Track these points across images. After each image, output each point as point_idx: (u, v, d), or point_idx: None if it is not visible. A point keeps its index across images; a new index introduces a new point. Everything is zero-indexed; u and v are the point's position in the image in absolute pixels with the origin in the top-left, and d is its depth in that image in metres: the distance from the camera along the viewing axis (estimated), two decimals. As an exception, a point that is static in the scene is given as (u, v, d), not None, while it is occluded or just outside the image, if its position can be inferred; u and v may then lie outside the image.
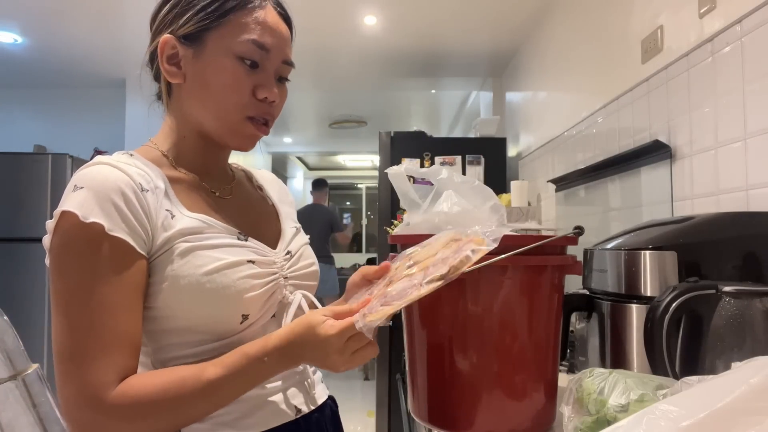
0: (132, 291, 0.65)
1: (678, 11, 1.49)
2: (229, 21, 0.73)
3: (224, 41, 0.73)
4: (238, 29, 0.73)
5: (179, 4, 0.75)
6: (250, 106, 0.75)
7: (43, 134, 4.33)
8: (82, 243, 0.62)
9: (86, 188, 0.64)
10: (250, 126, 0.76)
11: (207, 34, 0.73)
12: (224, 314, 0.70)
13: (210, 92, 0.74)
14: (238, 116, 0.75)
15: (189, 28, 0.73)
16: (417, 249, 0.73)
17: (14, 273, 3.34)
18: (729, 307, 0.70)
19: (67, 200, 0.64)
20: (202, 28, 0.73)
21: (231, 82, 0.73)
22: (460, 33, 3.20)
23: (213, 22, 0.73)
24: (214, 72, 0.73)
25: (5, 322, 0.61)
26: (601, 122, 2.02)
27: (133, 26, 3.12)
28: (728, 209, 1.25)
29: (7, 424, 0.57)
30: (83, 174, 0.66)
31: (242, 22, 0.73)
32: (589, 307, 1.02)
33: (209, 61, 0.73)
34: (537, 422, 0.80)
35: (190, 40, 0.74)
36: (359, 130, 5.92)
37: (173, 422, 0.64)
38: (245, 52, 0.73)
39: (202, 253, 0.69)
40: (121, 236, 0.64)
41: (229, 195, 0.82)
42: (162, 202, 0.70)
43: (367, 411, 3.97)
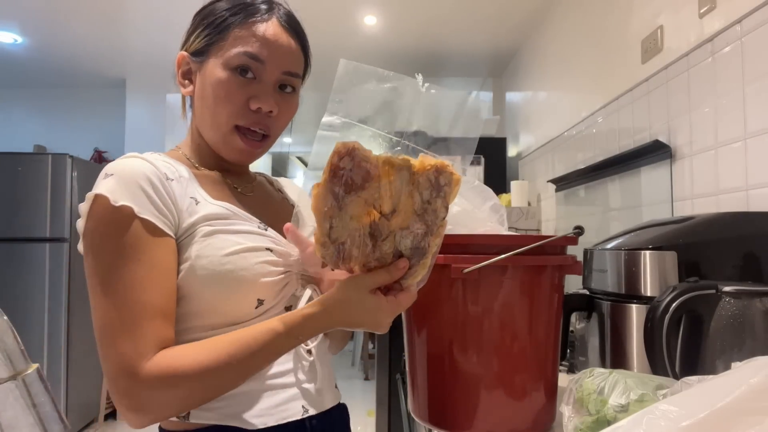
0: (162, 267, 0.68)
1: (678, 11, 1.49)
2: (228, 35, 0.77)
3: (221, 54, 0.76)
4: (235, 42, 0.76)
5: (193, 22, 0.81)
6: (239, 115, 0.76)
7: (43, 134, 4.33)
8: (114, 225, 0.66)
9: (116, 175, 0.68)
10: (237, 139, 0.77)
11: (210, 49, 0.78)
12: (240, 297, 0.71)
13: (206, 103, 0.77)
14: (228, 127, 0.77)
15: (198, 44, 0.78)
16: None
17: (14, 273, 3.34)
18: (729, 307, 0.70)
19: (99, 186, 0.68)
20: (207, 42, 0.78)
21: (224, 93, 0.75)
22: (460, 33, 3.20)
23: (215, 36, 0.77)
24: (210, 83, 0.76)
25: (5, 322, 0.61)
26: (601, 122, 2.02)
27: (133, 26, 3.12)
28: (728, 209, 1.25)
29: (7, 424, 0.58)
30: (113, 164, 0.70)
31: (240, 36, 0.76)
32: (589, 307, 1.02)
33: (207, 74, 0.77)
34: (537, 422, 0.80)
35: (198, 55, 0.79)
36: (359, 130, 5.92)
37: (206, 393, 0.66)
38: (239, 63, 0.75)
39: (224, 237, 0.71)
40: (149, 218, 0.67)
41: (251, 192, 0.86)
42: (186, 189, 0.73)
43: (367, 411, 3.97)
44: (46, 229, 3.35)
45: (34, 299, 3.32)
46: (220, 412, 0.71)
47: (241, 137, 0.78)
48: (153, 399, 0.63)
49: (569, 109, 2.40)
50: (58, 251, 3.36)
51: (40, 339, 3.30)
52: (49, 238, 3.35)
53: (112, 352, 0.64)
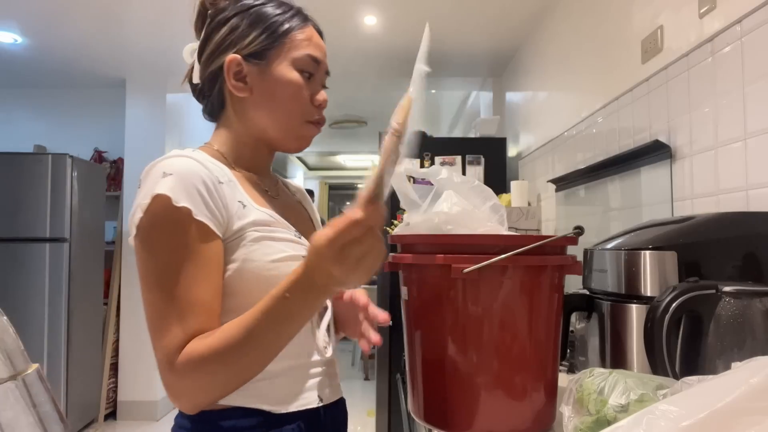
0: (211, 267, 0.73)
1: (678, 11, 1.49)
2: (288, 39, 0.84)
3: (286, 57, 0.84)
4: (296, 46, 0.84)
5: (239, 27, 0.84)
6: (310, 112, 0.86)
7: (43, 134, 4.33)
8: (172, 224, 0.71)
9: (175, 175, 0.72)
10: (310, 127, 0.87)
11: (270, 53, 0.83)
12: None
13: (276, 102, 0.84)
14: (300, 121, 0.86)
15: (254, 47, 0.83)
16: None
17: (14, 273, 3.34)
18: (729, 307, 0.70)
19: (159, 184, 0.71)
20: (266, 47, 0.83)
21: (294, 92, 0.84)
22: (460, 33, 3.20)
23: (275, 41, 0.84)
24: (280, 84, 0.83)
25: (5, 322, 0.61)
26: (601, 122, 2.02)
27: (133, 26, 3.12)
28: (728, 209, 1.25)
29: (7, 424, 0.58)
30: (170, 163, 0.73)
31: (298, 40, 0.85)
32: (589, 307, 1.02)
33: (275, 75, 0.83)
34: (537, 422, 0.80)
35: (256, 58, 0.83)
36: (359, 130, 5.92)
37: (230, 374, 0.69)
38: (304, 65, 0.84)
39: (270, 243, 0.78)
40: (204, 220, 0.72)
41: (277, 196, 0.92)
42: (234, 193, 0.79)
43: (367, 411, 3.97)
44: (46, 229, 3.35)
45: (34, 299, 3.32)
46: (245, 395, 0.75)
47: (313, 127, 0.87)
48: (185, 387, 0.68)
49: (569, 109, 2.40)
50: (58, 251, 3.36)
51: (40, 339, 3.30)
52: (49, 238, 3.35)
53: (158, 345, 0.69)
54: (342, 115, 5.37)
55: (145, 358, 3.90)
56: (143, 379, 3.89)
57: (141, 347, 3.91)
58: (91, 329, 3.68)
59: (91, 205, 3.68)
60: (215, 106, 0.88)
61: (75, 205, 3.46)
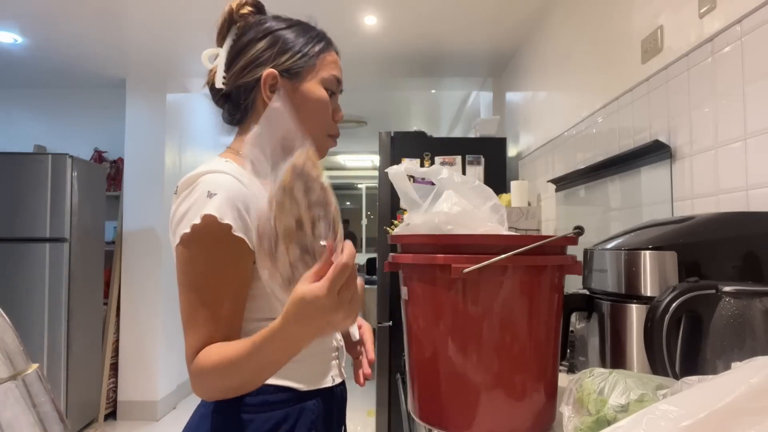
0: (240, 283, 0.82)
1: (678, 11, 1.49)
2: (318, 61, 0.95)
3: (316, 76, 0.95)
4: (325, 67, 0.96)
5: (275, 45, 0.93)
6: (331, 126, 0.98)
7: (43, 134, 4.33)
8: (214, 239, 0.79)
9: (220, 195, 0.80)
10: (330, 141, 0.99)
11: (303, 71, 0.94)
12: None
13: (305, 115, 0.93)
14: (323, 134, 0.97)
15: (290, 64, 0.93)
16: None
17: (14, 273, 3.34)
18: (729, 307, 0.70)
19: (208, 205, 0.79)
20: (301, 65, 0.93)
21: (322, 107, 0.95)
22: (460, 33, 3.20)
23: (309, 61, 0.94)
24: (310, 100, 0.94)
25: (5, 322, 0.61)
26: (601, 122, 2.02)
27: (133, 26, 3.12)
28: (728, 209, 1.25)
29: (7, 424, 0.58)
30: (214, 181, 0.81)
31: (327, 61, 0.96)
32: (589, 307, 1.02)
33: (306, 92, 0.94)
34: (537, 422, 0.80)
35: (291, 74, 0.93)
36: (359, 130, 5.92)
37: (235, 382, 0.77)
38: (330, 84, 0.96)
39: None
40: (241, 235, 0.80)
41: None
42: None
43: (367, 411, 3.97)
44: (46, 229, 3.35)
45: (34, 299, 3.32)
46: (277, 375, 0.84)
47: (332, 140, 0.99)
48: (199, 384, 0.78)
49: (569, 109, 2.40)
50: (58, 251, 3.36)
51: (40, 339, 3.30)
52: (49, 238, 3.35)
53: (186, 339, 0.79)
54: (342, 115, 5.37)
55: (145, 358, 3.90)
56: (143, 379, 3.89)
57: (141, 347, 3.91)
58: (91, 329, 3.68)
59: (91, 205, 3.68)
60: (244, 113, 0.96)
61: (75, 205, 3.46)
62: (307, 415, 0.89)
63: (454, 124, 5.72)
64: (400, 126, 5.36)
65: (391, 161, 3.15)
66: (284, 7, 0.99)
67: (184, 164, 4.33)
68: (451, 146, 3.20)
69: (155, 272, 3.93)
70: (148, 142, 3.97)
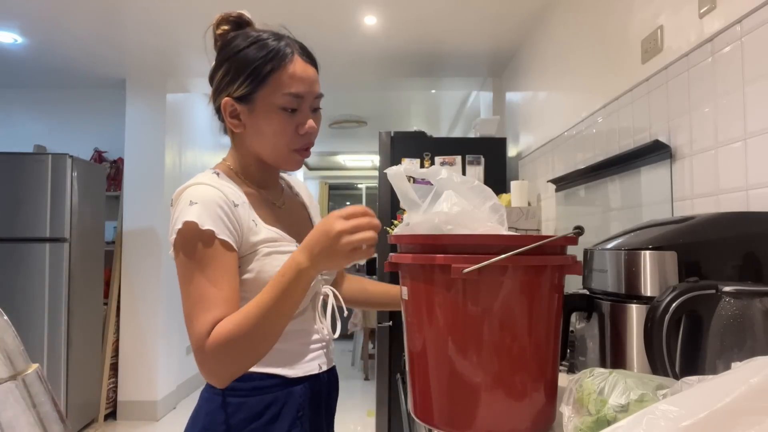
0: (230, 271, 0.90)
1: (678, 11, 1.49)
2: (270, 82, 0.95)
3: (269, 99, 0.95)
4: (278, 87, 0.95)
5: (230, 72, 0.96)
6: (294, 142, 0.99)
7: (43, 134, 4.33)
8: (200, 242, 0.88)
9: (200, 203, 0.89)
10: (296, 155, 1.01)
11: (255, 95, 0.95)
12: None
13: (264, 137, 0.98)
14: (286, 150, 0.99)
15: (241, 91, 0.96)
16: None
17: (14, 273, 3.34)
18: (729, 307, 0.70)
19: (187, 212, 0.88)
20: (251, 90, 0.95)
21: (279, 128, 0.96)
22: (460, 33, 3.20)
23: (258, 85, 0.95)
24: (265, 123, 0.96)
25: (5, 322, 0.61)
26: (601, 122, 2.02)
27: (133, 26, 3.12)
28: (728, 209, 1.25)
29: (7, 424, 0.58)
30: (195, 191, 0.91)
31: (280, 81, 0.95)
32: (589, 307, 1.02)
33: (260, 115, 0.96)
34: (537, 422, 0.80)
35: (244, 101, 0.96)
36: (359, 130, 5.92)
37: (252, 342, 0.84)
38: (285, 103, 0.95)
39: (278, 257, 0.95)
40: (225, 238, 0.89)
41: (283, 204, 1.09)
42: (248, 213, 0.96)
43: (367, 411, 3.97)
44: (46, 229, 3.35)
45: (34, 299, 3.32)
46: (265, 364, 0.96)
47: (298, 155, 1.00)
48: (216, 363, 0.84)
49: (569, 109, 2.40)
50: (58, 251, 3.36)
51: (40, 339, 3.30)
52: (49, 238, 3.35)
53: (191, 332, 0.85)
54: (342, 115, 5.37)
55: (145, 358, 3.90)
56: (143, 379, 3.89)
57: (141, 347, 3.91)
58: (91, 329, 3.68)
59: (91, 205, 3.68)
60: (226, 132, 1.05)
61: (75, 205, 3.46)
62: (294, 398, 0.98)
63: (454, 124, 5.72)
64: (400, 126, 5.35)
65: (391, 161, 3.15)
66: (284, 6, 0.98)
67: (184, 164, 4.33)
68: (451, 146, 3.20)
69: (155, 272, 3.93)
70: (148, 142, 3.97)
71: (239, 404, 0.95)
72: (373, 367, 4.81)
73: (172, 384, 4.14)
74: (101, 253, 3.85)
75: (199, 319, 0.85)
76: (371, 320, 4.94)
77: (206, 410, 0.96)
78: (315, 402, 1.03)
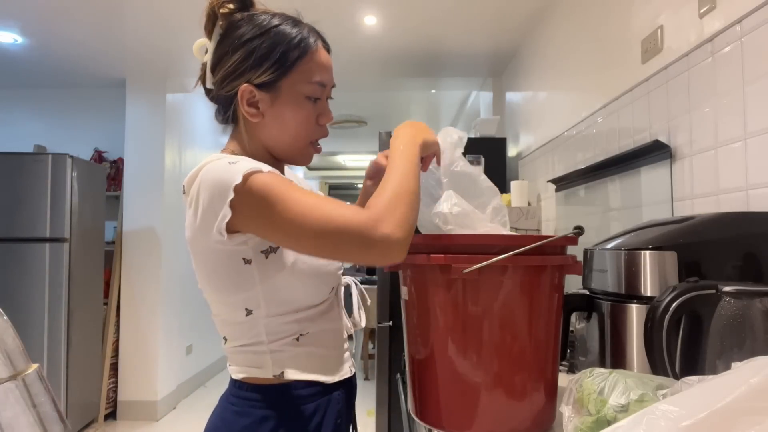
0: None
1: (678, 11, 1.49)
2: (296, 69, 0.90)
3: (295, 87, 0.90)
4: (305, 75, 0.90)
5: (252, 56, 0.89)
6: (315, 133, 0.94)
7: (43, 134, 4.33)
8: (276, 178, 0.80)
9: (240, 161, 0.81)
10: (311, 148, 0.96)
11: (280, 83, 0.89)
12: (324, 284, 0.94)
13: (286, 127, 0.91)
14: (306, 142, 0.94)
15: (264, 77, 0.89)
16: None
17: (14, 273, 3.34)
18: (729, 307, 0.70)
19: (237, 169, 0.79)
20: (276, 78, 0.89)
21: (303, 118, 0.92)
22: (460, 33, 3.20)
23: (285, 72, 0.89)
24: (290, 112, 0.91)
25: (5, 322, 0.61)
26: (601, 122, 2.02)
27: (133, 26, 3.12)
28: (728, 209, 1.25)
29: (7, 424, 0.58)
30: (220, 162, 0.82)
31: (306, 68, 0.90)
32: (589, 307, 1.02)
33: (285, 104, 0.90)
34: (537, 422, 0.80)
35: (267, 88, 0.89)
36: (359, 130, 5.92)
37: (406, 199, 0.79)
38: (311, 92, 0.91)
39: None
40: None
41: None
42: None
43: (367, 411, 3.97)
44: (46, 229, 3.35)
45: (34, 299, 3.32)
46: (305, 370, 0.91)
47: (313, 148, 0.96)
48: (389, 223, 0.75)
49: (569, 109, 2.40)
50: (58, 251, 3.36)
51: (40, 339, 3.30)
52: (49, 238, 3.35)
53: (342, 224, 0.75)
54: (342, 115, 5.37)
55: (145, 358, 3.90)
56: (143, 379, 3.89)
57: (141, 347, 3.91)
58: (91, 329, 3.68)
59: (91, 205, 3.68)
60: (229, 120, 0.95)
61: (75, 205, 3.46)
62: (333, 404, 0.94)
63: (454, 124, 5.72)
64: (400, 126, 5.34)
65: (391, 161, 3.15)
66: (284, 6, 0.97)
67: (184, 164, 4.32)
68: (451, 146, 3.20)
69: (155, 272, 3.93)
70: (148, 142, 3.97)
71: (281, 416, 0.88)
72: (373, 367, 4.81)
73: (172, 384, 4.14)
74: (101, 253, 3.85)
75: (344, 215, 0.76)
76: (371, 320, 4.93)
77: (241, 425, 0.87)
78: (349, 407, 1.00)
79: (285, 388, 0.89)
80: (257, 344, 0.89)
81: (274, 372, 0.89)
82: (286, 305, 0.89)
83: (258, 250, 0.85)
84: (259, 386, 0.89)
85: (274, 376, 0.89)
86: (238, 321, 0.89)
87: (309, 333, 0.92)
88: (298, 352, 0.91)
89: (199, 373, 4.71)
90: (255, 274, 0.86)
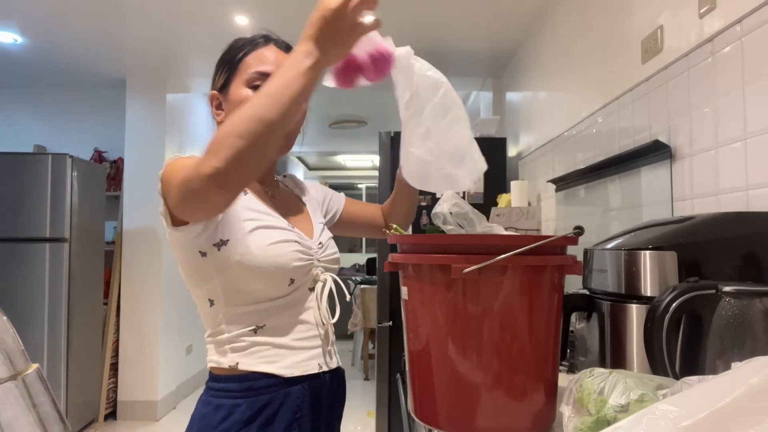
0: None
1: (678, 11, 1.49)
2: (241, 66, 1.00)
3: (238, 80, 0.99)
4: (246, 67, 0.99)
5: (216, 68, 1.04)
6: None
7: (43, 134, 4.33)
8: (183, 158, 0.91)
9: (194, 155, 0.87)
10: None
11: (229, 81, 1.01)
12: (278, 277, 0.95)
13: None
14: None
15: (221, 80, 1.02)
16: None
17: (14, 273, 3.34)
18: (729, 307, 0.70)
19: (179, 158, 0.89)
20: (227, 77, 1.01)
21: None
22: (459, 33, 3.20)
23: (231, 70, 1.00)
24: (234, 104, 0.97)
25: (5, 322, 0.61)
26: (601, 122, 2.02)
27: (133, 26, 3.12)
28: (728, 209, 1.25)
29: (7, 424, 0.58)
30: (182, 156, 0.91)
31: (249, 62, 0.99)
32: (589, 307, 1.02)
33: (233, 97, 1.00)
34: (537, 422, 0.80)
35: (223, 89, 1.02)
36: (359, 130, 5.92)
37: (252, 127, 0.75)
38: (250, 80, 0.98)
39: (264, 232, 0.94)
40: None
41: (278, 196, 1.09)
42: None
43: (367, 411, 3.97)
44: (46, 229, 3.35)
45: (34, 299, 3.32)
46: (261, 363, 0.94)
47: None
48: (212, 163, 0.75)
49: (569, 109, 2.40)
50: (58, 251, 3.36)
51: (40, 339, 3.30)
52: (49, 238, 3.35)
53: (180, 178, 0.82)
54: (342, 115, 5.37)
55: (145, 358, 3.90)
56: (143, 379, 3.89)
57: (141, 347, 3.91)
58: (91, 329, 3.68)
59: (91, 205, 3.68)
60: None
61: (75, 205, 3.46)
62: (291, 399, 0.95)
63: (454, 124, 5.71)
64: (400, 126, 5.35)
65: (391, 161, 3.15)
66: (284, 6, 0.99)
67: (184, 164, 4.33)
68: (451, 146, 3.19)
69: (155, 272, 3.93)
70: (148, 142, 3.97)
71: (233, 406, 0.92)
72: (373, 367, 4.81)
73: (172, 384, 4.14)
74: (101, 253, 3.85)
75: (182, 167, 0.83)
76: (371, 320, 4.94)
77: (201, 413, 0.93)
78: (315, 404, 0.99)
79: (241, 379, 0.93)
80: (219, 333, 0.96)
81: (230, 363, 0.94)
82: (243, 296, 0.94)
83: (210, 243, 0.91)
84: (220, 376, 0.95)
85: (230, 366, 0.94)
86: (205, 312, 0.97)
87: (268, 325, 0.95)
88: (255, 342, 0.94)
89: (199, 373, 4.71)
90: (211, 266, 0.92)
